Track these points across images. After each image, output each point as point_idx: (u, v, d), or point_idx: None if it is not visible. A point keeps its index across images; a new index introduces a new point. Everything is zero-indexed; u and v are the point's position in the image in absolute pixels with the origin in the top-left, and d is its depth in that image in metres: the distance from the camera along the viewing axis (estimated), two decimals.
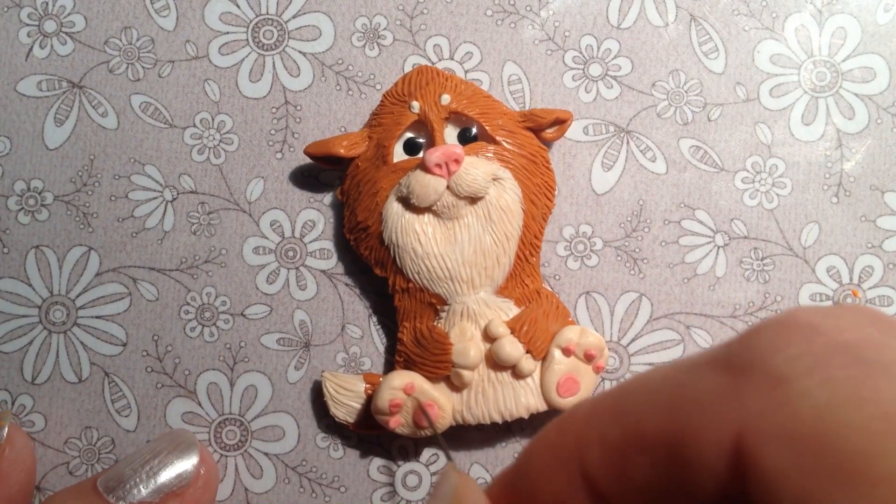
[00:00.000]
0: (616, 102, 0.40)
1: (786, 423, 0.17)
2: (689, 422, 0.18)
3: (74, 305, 0.39)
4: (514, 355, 0.36)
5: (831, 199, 0.40)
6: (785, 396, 0.17)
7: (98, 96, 0.40)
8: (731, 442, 0.18)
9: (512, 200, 0.36)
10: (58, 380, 0.39)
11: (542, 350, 0.36)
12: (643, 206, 0.40)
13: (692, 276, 0.39)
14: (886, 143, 0.40)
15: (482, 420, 0.36)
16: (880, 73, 0.40)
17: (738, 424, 0.18)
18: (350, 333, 0.39)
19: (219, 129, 0.40)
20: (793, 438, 0.17)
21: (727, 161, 0.40)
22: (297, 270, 0.40)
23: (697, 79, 0.40)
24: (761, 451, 0.17)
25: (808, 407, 0.17)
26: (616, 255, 0.39)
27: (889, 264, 0.39)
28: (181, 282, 0.39)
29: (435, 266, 0.36)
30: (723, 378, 0.19)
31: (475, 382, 0.36)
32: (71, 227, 0.40)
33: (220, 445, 0.39)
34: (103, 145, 0.40)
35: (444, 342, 0.36)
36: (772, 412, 0.17)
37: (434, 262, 0.36)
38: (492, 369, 0.36)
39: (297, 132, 0.40)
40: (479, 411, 0.36)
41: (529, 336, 0.36)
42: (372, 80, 0.40)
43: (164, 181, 0.40)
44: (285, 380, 0.39)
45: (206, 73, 0.40)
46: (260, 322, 0.39)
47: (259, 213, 0.40)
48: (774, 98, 0.40)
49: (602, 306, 0.39)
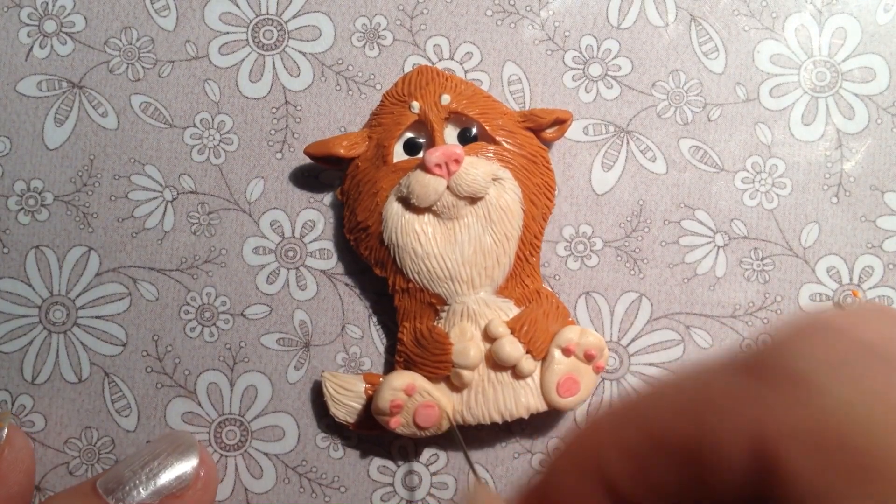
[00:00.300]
0: (616, 102, 0.40)
1: (808, 422, 0.17)
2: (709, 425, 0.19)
3: (74, 305, 0.39)
4: (514, 355, 0.36)
5: (831, 200, 0.40)
6: (807, 396, 0.17)
7: (98, 96, 0.40)
8: (753, 443, 0.18)
9: (512, 200, 0.36)
10: (58, 380, 0.39)
11: (542, 350, 0.36)
12: (643, 206, 0.40)
13: (692, 276, 0.39)
14: (886, 144, 0.40)
15: (482, 420, 0.36)
16: (880, 73, 0.40)
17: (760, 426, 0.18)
18: (350, 333, 0.39)
19: (219, 129, 0.40)
20: (815, 438, 0.17)
21: (727, 161, 0.40)
22: (297, 270, 0.40)
23: (697, 79, 0.40)
24: (784, 451, 0.17)
25: (831, 406, 0.17)
26: (616, 256, 0.39)
27: (889, 264, 0.39)
28: (181, 282, 0.39)
29: (435, 266, 0.36)
30: (744, 381, 0.19)
31: (475, 382, 0.36)
32: (71, 227, 0.40)
33: (220, 445, 0.39)
34: (103, 145, 0.40)
35: (444, 342, 0.36)
36: (794, 412, 0.17)
37: (434, 262, 0.36)
38: (492, 369, 0.36)
39: (297, 132, 0.40)
40: (479, 411, 0.36)
41: (529, 336, 0.36)
42: (372, 80, 0.40)
43: (164, 181, 0.40)
44: (285, 380, 0.39)
45: (206, 73, 0.40)
46: (260, 322, 0.39)
47: (259, 213, 0.40)
48: (774, 98, 0.40)
49: (602, 306, 0.39)
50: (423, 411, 0.36)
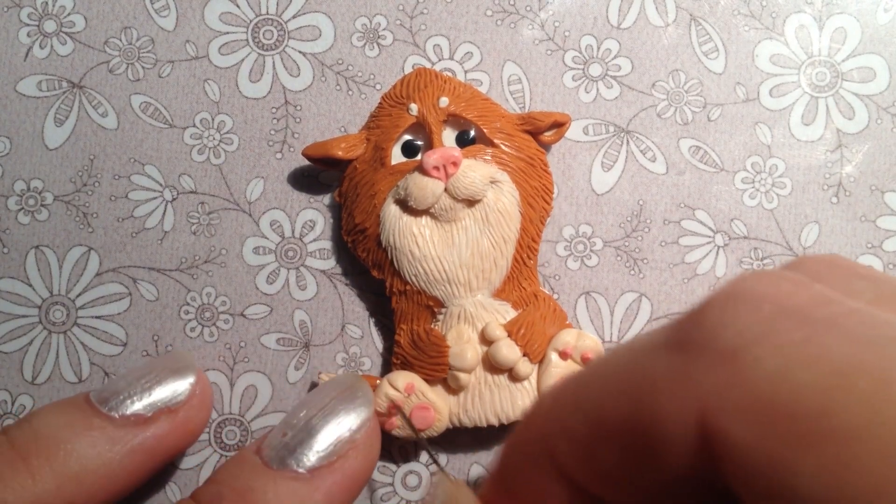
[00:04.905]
0: (616, 102, 0.40)
1: (742, 395, 0.17)
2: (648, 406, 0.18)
3: (74, 305, 0.40)
4: (511, 358, 0.36)
5: (831, 200, 0.40)
6: (738, 369, 0.17)
7: (98, 96, 0.40)
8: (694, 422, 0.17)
9: (510, 203, 0.36)
10: (58, 380, 0.39)
11: (539, 353, 0.36)
12: (643, 206, 0.40)
13: (692, 276, 0.39)
14: (886, 144, 0.40)
15: (478, 422, 0.36)
16: (880, 73, 0.40)
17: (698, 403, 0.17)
18: (350, 333, 0.39)
19: (219, 129, 0.40)
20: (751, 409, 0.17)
21: (727, 161, 0.40)
22: (297, 270, 0.40)
23: (697, 79, 0.40)
24: (723, 426, 0.17)
25: (761, 376, 0.17)
26: (616, 256, 0.39)
27: (889, 264, 0.39)
28: (181, 282, 0.40)
29: (432, 268, 0.36)
30: (676, 358, 0.18)
31: (472, 385, 0.36)
32: (71, 227, 0.40)
33: (220, 446, 0.39)
34: (103, 145, 0.40)
35: (440, 345, 0.36)
36: (727, 387, 0.17)
37: (431, 265, 0.36)
38: (488, 372, 0.36)
39: (297, 132, 0.40)
40: (475, 414, 0.36)
41: (526, 339, 0.36)
42: (372, 81, 0.40)
43: (164, 181, 0.40)
44: (285, 380, 0.39)
45: (206, 73, 0.40)
46: (260, 322, 0.39)
47: (259, 214, 0.40)
48: (774, 98, 0.40)
49: (602, 306, 0.39)
50: (419, 413, 0.36)
